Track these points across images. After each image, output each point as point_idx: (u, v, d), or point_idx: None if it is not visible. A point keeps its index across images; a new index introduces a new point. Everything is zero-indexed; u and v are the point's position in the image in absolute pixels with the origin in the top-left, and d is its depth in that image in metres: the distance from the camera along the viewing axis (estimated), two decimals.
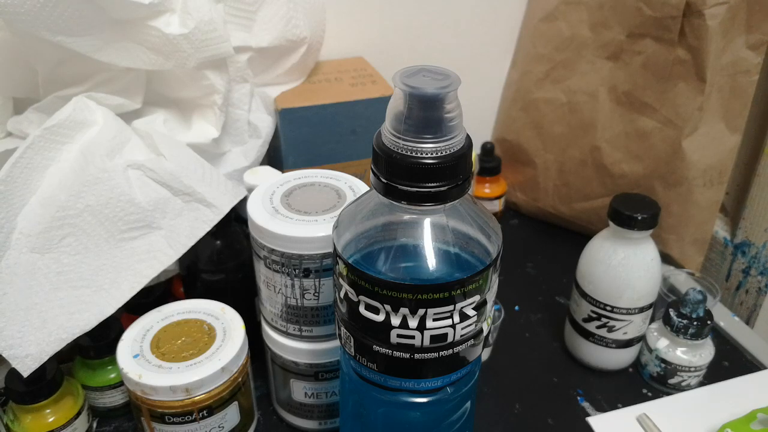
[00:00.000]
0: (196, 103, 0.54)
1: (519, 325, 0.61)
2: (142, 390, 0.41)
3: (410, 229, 0.32)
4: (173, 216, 0.47)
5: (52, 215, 0.44)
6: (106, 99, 0.50)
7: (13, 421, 0.45)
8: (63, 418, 0.45)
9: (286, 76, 0.60)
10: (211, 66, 0.51)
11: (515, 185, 0.77)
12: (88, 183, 0.45)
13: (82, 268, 0.45)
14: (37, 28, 0.44)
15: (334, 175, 0.46)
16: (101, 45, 0.47)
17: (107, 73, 0.50)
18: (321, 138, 0.59)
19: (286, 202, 0.43)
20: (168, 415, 0.42)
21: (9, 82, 0.50)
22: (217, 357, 0.43)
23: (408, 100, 0.29)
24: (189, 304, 0.47)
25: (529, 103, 0.72)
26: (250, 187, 0.50)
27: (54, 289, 0.44)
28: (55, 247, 0.44)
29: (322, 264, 0.41)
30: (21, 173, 0.44)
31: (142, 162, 0.47)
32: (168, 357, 0.43)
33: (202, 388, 0.42)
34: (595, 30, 0.65)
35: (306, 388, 0.47)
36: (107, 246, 0.45)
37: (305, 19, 0.58)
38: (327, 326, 0.44)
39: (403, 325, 0.32)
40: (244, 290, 0.51)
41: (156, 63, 0.49)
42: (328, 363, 0.46)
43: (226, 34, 0.51)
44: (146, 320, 0.46)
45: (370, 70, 0.64)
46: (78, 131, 0.47)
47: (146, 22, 0.47)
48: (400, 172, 0.30)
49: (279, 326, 0.45)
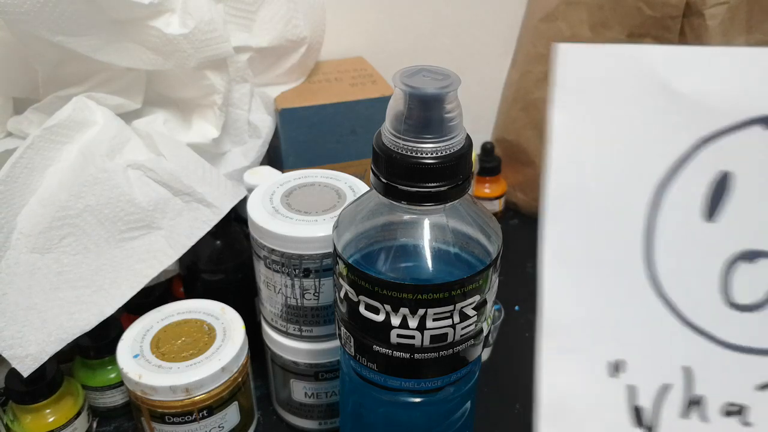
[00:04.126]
0: (196, 103, 0.54)
1: (519, 325, 0.61)
2: (142, 390, 0.41)
3: (410, 229, 0.32)
4: (173, 216, 0.47)
5: (52, 215, 0.44)
6: (106, 99, 0.50)
7: (13, 421, 0.45)
8: (63, 418, 0.45)
9: (286, 76, 0.60)
10: (211, 66, 0.51)
11: (515, 185, 0.77)
12: (88, 183, 0.45)
13: (82, 268, 0.45)
14: (37, 28, 0.44)
15: (334, 175, 0.46)
16: (101, 45, 0.47)
17: (107, 73, 0.50)
18: (321, 138, 0.58)
19: (286, 202, 0.43)
20: (168, 415, 0.42)
21: (9, 82, 0.50)
22: (217, 357, 0.43)
23: (408, 100, 0.29)
24: (189, 304, 0.47)
25: (529, 103, 0.72)
26: (250, 187, 0.50)
27: (54, 289, 0.44)
28: (55, 247, 0.44)
29: (322, 264, 0.41)
30: (21, 173, 0.44)
31: (142, 162, 0.47)
32: (168, 357, 0.43)
33: (202, 388, 0.42)
34: (595, 30, 0.65)
35: (306, 388, 0.47)
36: (107, 246, 0.45)
37: (305, 19, 0.58)
38: (327, 326, 0.44)
39: (403, 325, 0.32)
40: (244, 290, 0.51)
41: (156, 63, 0.49)
42: (328, 363, 0.45)
43: (226, 34, 0.51)
44: (146, 320, 0.46)
45: (369, 70, 0.64)
46: (78, 131, 0.47)
47: (146, 22, 0.47)
48: (400, 172, 0.30)
49: (279, 326, 0.45)
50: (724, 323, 0.26)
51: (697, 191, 0.25)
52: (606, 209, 0.26)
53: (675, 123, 0.25)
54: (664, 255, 0.26)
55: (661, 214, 0.26)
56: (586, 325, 0.27)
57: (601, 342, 0.27)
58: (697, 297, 0.26)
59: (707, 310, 0.26)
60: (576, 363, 0.27)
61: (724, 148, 0.25)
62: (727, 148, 0.25)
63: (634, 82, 0.25)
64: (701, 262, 0.26)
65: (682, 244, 0.26)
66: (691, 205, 0.25)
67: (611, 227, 0.26)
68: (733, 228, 0.25)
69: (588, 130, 0.25)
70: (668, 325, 0.27)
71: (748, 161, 0.25)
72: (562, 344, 0.27)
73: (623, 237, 0.26)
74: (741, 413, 0.27)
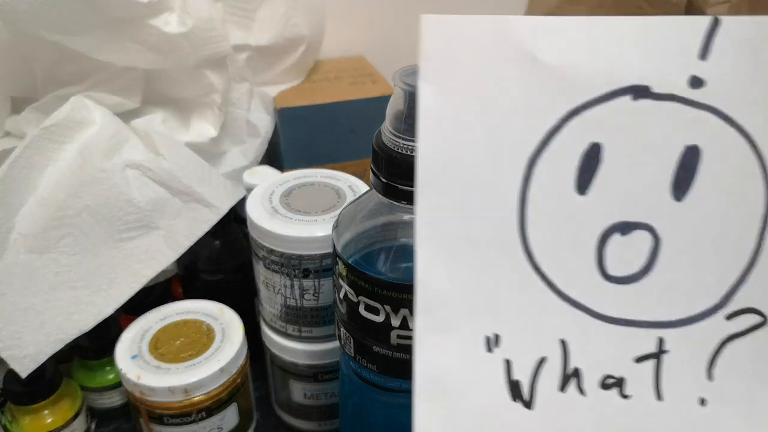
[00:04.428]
0: (195, 103, 0.54)
1: None
2: (140, 391, 0.41)
3: (410, 229, 0.32)
4: (172, 216, 0.47)
5: (50, 215, 0.44)
6: (104, 98, 0.49)
7: (11, 422, 0.45)
8: (61, 419, 0.45)
9: (285, 75, 0.60)
10: (210, 65, 0.51)
11: None
12: (87, 183, 0.45)
13: (80, 268, 0.45)
14: (35, 26, 0.44)
15: (334, 175, 0.46)
16: (99, 44, 0.47)
17: (106, 73, 0.50)
18: (320, 137, 0.58)
19: (285, 201, 0.43)
20: (166, 416, 0.42)
21: (7, 81, 0.50)
22: (216, 358, 0.42)
23: (408, 99, 0.29)
24: (188, 305, 0.47)
25: None
26: (249, 186, 0.50)
27: (52, 289, 0.44)
28: (53, 247, 0.44)
29: (322, 264, 0.41)
30: (19, 173, 0.44)
31: (141, 162, 0.47)
32: (167, 358, 0.43)
33: (201, 389, 0.41)
34: None
35: (305, 390, 0.47)
36: (105, 246, 0.45)
37: (304, 17, 0.58)
38: (326, 327, 0.44)
39: (404, 326, 0.32)
40: (243, 291, 0.51)
41: (155, 62, 0.49)
42: (328, 364, 0.45)
43: (225, 32, 0.51)
44: (145, 321, 0.46)
45: (369, 69, 0.64)
46: (76, 131, 0.47)
47: (145, 20, 0.47)
48: (400, 171, 0.30)
49: (278, 327, 0.45)
50: (600, 296, 0.26)
51: (568, 164, 0.25)
52: (479, 183, 0.25)
53: (544, 95, 0.24)
54: (538, 229, 0.26)
55: (533, 188, 0.25)
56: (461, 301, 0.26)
57: (476, 317, 0.26)
58: (573, 270, 0.26)
59: (583, 283, 0.26)
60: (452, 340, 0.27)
61: (594, 120, 0.24)
62: (596, 119, 0.24)
63: (501, 53, 0.24)
64: (575, 235, 0.25)
65: (555, 218, 0.25)
66: (563, 179, 0.25)
67: (485, 202, 0.25)
68: (605, 200, 0.25)
69: (456, 103, 0.25)
70: (544, 298, 0.26)
71: (617, 132, 0.24)
72: (437, 321, 0.26)
73: (498, 212, 0.25)
74: (619, 385, 0.27)
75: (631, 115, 0.24)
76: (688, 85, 0.24)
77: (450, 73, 0.25)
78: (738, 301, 0.26)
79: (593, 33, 0.24)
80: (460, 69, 0.24)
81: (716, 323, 0.26)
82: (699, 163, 0.24)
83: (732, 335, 0.26)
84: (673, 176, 0.24)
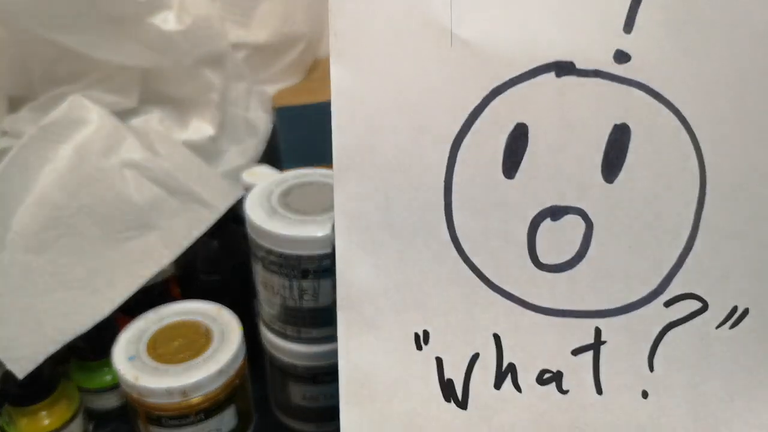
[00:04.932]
0: (192, 101, 0.53)
1: None
2: (138, 392, 0.41)
3: None
4: (170, 216, 0.46)
5: (47, 215, 0.44)
6: (101, 97, 0.49)
7: (8, 423, 0.44)
8: (59, 421, 0.45)
9: (284, 73, 0.60)
10: (208, 63, 0.51)
11: None
12: (84, 182, 0.44)
13: (77, 268, 0.44)
14: (32, 24, 0.43)
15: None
16: (97, 42, 0.47)
17: (103, 71, 0.49)
18: (320, 136, 0.57)
19: (284, 201, 0.43)
20: (164, 418, 0.42)
21: (4, 80, 0.50)
22: (214, 359, 0.42)
23: None
24: (186, 306, 0.47)
25: None
26: (247, 186, 0.49)
27: (49, 290, 0.44)
28: (50, 247, 0.44)
29: (321, 265, 0.41)
30: (16, 173, 0.44)
31: (138, 161, 0.46)
32: (164, 359, 0.42)
33: (199, 391, 0.41)
34: None
35: (304, 391, 0.46)
36: (103, 246, 0.45)
37: (303, 15, 0.57)
38: (326, 328, 0.44)
39: None
40: (241, 291, 0.51)
41: (152, 60, 0.49)
42: (327, 365, 0.45)
43: (223, 30, 0.51)
44: (142, 322, 0.45)
45: None
46: (73, 130, 0.47)
47: (142, 18, 0.47)
48: None
49: (277, 328, 0.45)
50: (533, 286, 0.24)
51: (494, 146, 0.23)
52: (401, 170, 0.24)
53: (464, 73, 0.23)
54: (465, 216, 0.24)
55: (458, 172, 0.24)
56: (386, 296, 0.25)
57: (404, 313, 0.25)
58: (503, 259, 0.24)
59: (514, 273, 0.24)
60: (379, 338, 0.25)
61: (518, 99, 0.23)
62: (520, 98, 0.23)
63: (417, 30, 0.22)
64: (505, 222, 0.24)
65: (483, 204, 0.24)
66: (490, 162, 0.23)
67: (409, 189, 0.24)
68: (534, 184, 0.23)
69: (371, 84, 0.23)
70: (474, 290, 0.25)
71: (543, 112, 0.23)
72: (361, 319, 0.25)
73: (422, 199, 0.24)
74: (557, 380, 0.25)
75: (555, 93, 0.22)
76: (613, 59, 0.22)
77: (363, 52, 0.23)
78: (676, 287, 0.24)
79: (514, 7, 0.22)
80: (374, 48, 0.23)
81: (655, 311, 0.24)
82: (629, 142, 0.23)
83: (671, 323, 0.24)
84: (603, 157, 0.23)
